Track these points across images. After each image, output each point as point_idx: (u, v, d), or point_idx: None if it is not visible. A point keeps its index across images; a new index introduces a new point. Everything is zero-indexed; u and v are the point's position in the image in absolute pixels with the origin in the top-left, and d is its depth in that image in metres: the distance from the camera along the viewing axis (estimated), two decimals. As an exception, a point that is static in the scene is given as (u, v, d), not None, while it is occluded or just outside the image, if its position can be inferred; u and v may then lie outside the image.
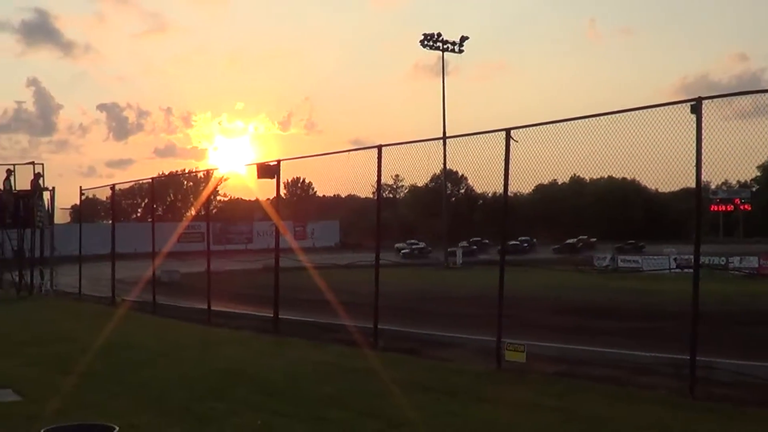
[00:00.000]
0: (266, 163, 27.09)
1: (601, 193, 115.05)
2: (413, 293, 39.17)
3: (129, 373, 18.81)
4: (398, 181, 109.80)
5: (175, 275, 52.02)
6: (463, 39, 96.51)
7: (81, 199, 48.68)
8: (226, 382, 17.51)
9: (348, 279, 38.83)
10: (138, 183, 62.78)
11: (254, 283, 41.76)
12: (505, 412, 14.28)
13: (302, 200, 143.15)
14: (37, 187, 43.60)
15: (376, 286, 22.94)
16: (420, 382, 17.12)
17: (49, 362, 20.49)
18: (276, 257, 27.70)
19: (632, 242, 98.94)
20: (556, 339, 22.68)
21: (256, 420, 13.76)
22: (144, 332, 26.66)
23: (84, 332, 26.10)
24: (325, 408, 14.72)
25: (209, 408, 14.86)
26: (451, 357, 20.31)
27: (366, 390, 16.41)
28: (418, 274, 59.86)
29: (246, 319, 29.30)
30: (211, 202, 38.27)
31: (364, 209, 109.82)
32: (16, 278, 44.18)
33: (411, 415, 13.78)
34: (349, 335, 23.21)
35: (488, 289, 26.06)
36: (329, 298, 26.61)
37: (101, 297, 39.74)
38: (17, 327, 28.52)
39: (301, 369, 19.13)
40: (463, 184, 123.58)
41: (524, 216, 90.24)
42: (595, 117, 18.24)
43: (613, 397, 15.57)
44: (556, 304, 36.17)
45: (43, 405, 15.04)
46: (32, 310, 35.49)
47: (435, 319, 28.41)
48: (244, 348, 22.98)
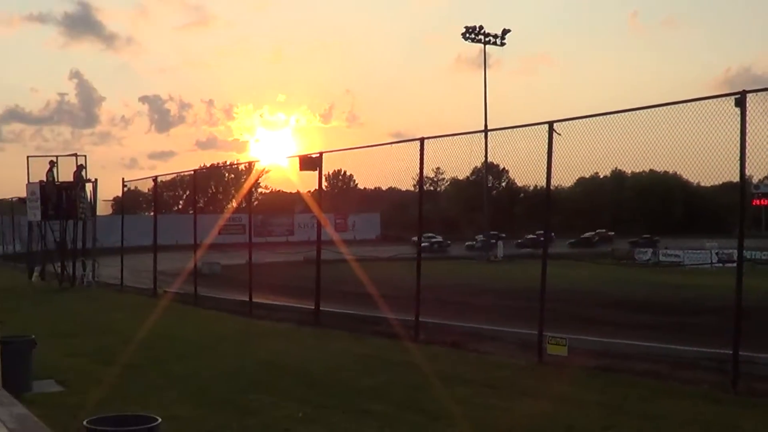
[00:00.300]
0: (309, 156, 27.13)
1: (641, 187, 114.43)
2: (454, 286, 39.08)
3: (171, 364, 18.94)
4: (439, 173, 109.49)
5: (216, 267, 52.09)
6: (505, 32, 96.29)
7: (123, 191, 48.97)
8: (268, 374, 17.61)
9: (389, 271, 38.84)
10: (180, 175, 63.04)
11: (295, 275, 41.81)
12: (547, 406, 14.24)
13: (343, 192, 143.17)
14: (79, 179, 43.77)
15: (417, 278, 22.91)
16: (461, 376, 17.14)
17: (92, 353, 20.66)
18: (318, 249, 27.74)
19: (647, 236, 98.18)
20: (597, 333, 22.56)
21: (297, 412, 13.82)
22: (186, 324, 26.81)
23: (126, 323, 26.24)
24: (367, 400, 14.77)
25: (251, 400, 14.94)
26: (493, 350, 20.27)
27: (407, 383, 16.44)
28: (458, 267, 59.79)
29: (287, 311, 29.35)
30: (253, 194, 38.31)
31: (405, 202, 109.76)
32: (59, 269, 44.44)
33: (452, 409, 13.80)
34: (390, 328, 23.19)
35: (529, 282, 26.10)
36: (370, 291, 26.58)
37: (143, 288, 39.89)
38: (60, 318, 28.68)
39: (343, 361, 19.18)
40: (504, 177, 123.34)
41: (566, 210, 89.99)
42: (638, 110, 18.20)
43: (655, 392, 15.52)
44: (597, 297, 35.99)
45: (85, 396, 15.17)
46: (74, 302, 35.68)
47: (476, 312, 28.29)
48: (285, 340, 23.06)
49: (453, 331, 22.89)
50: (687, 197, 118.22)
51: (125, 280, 42.01)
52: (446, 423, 13.06)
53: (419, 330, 22.41)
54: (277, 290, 34.94)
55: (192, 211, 50.52)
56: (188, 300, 33.77)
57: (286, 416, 13.59)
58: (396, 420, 13.28)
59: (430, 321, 23.47)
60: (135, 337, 22.17)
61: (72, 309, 32.35)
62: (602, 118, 18.97)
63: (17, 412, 11.70)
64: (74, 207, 43.35)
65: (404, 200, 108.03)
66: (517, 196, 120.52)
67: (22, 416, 11.44)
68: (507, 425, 12.92)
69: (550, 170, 19.26)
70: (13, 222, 61.58)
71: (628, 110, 18.39)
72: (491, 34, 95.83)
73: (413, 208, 31.49)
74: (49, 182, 43.35)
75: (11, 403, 12.28)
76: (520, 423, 13.06)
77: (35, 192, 43.62)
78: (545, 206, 22.10)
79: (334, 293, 28.89)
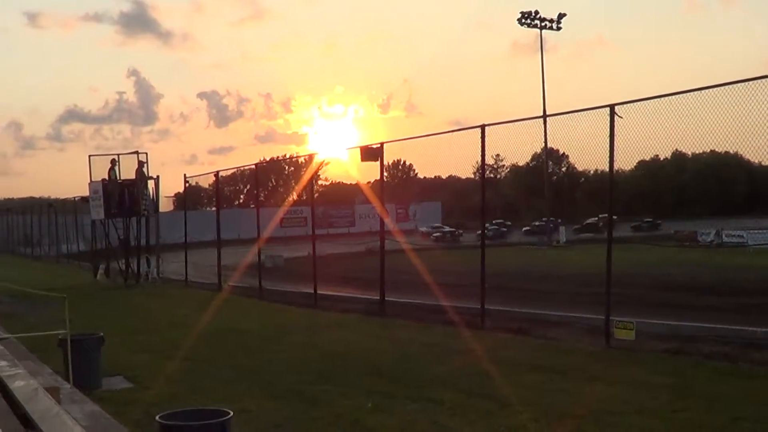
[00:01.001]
0: (369, 146, 27.15)
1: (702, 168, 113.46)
2: (518, 273, 38.94)
3: (239, 358, 19.04)
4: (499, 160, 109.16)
5: (278, 260, 52.13)
6: (561, 16, 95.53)
7: (185, 187, 49.20)
8: (336, 365, 17.65)
9: (452, 260, 38.78)
10: (240, 169, 63.16)
11: (358, 266, 41.86)
12: (618, 391, 14.20)
13: (403, 182, 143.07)
14: (141, 176, 44.05)
15: (482, 266, 22.86)
16: (529, 362, 17.10)
17: (159, 349, 20.80)
18: (381, 240, 27.77)
19: (650, 220, 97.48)
20: (664, 316, 22.43)
21: (366, 402, 13.85)
22: (252, 317, 26.94)
23: (192, 318, 26.39)
24: (435, 389, 14.76)
25: (320, 391, 14.99)
26: (560, 336, 20.21)
27: (475, 370, 16.41)
28: (520, 253, 59.61)
29: (352, 302, 29.41)
30: (313, 186, 38.35)
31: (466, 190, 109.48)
32: (123, 267, 44.75)
33: (521, 395, 13.77)
34: (455, 316, 23.12)
35: (592, 266, 25.95)
36: (434, 280, 26.59)
37: (207, 283, 40.08)
38: (126, 315, 28.94)
39: (410, 351, 19.21)
40: (564, 163, 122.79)
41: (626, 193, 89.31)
42: (699, 91, 18.02)
43: (724, 374, 15.43)
44: (662, 280, 35.76)
45: (154, 391, 15.31)
46: (140, 298, 35.97)
47: (541, 298, 28.25)
48: (351, 331, 23.11)
49: (519, 318, 22.86)
50: (748, 177, 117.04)
51: (189, 276, 42.21)
52: (516, 409, 13.02)
53: (485, 317, 22.36)
54: (341, 281, 34.99)
55: (253, 205, 50.74)
56: (253, 293, 33.91)
57: (355, 407, 13.61)
58: (465, 408, 13.26)
59: (496, 308, 23.42)
60: (202, 332, 22.36)
61: (138, 305, 32.65)
62: (663, 99, 18.83)
63: (89, 409, 11.79)
64: (137, 204, 43.63)
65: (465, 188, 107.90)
66: (578, 181, 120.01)
67: (94, 413, 11.53)
68: (577, 410, 12.85)
69: (613, 154, 19.15)
70: (76, 221, 62.12)
71: (689, 90, 18.23)
72: (547, 19, 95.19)
73: (474, 195, 31.41)
74: (111, 180, 43.63)
75: (82, 401, 12.37)
76: (590, 408, 12.99)
77: (98, 190, 43.92)
78: (608, 190, 21.89)
79: (398, 283, 28.85)
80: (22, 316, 26.95)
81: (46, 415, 8.63)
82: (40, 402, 9.35)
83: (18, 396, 9.75)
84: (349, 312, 27.07)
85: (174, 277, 44.16)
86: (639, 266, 36.58)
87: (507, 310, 24.07)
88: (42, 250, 75.19)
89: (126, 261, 44.58)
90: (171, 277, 44.49)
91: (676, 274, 39.23)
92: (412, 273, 29.50)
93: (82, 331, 16.83)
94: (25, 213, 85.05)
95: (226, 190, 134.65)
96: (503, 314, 23.37)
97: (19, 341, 18.24)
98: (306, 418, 13.05)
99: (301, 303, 30.16)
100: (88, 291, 38.49)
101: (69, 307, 14.85)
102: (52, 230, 70.85)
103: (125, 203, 43.76)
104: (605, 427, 11.95)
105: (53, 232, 70.69)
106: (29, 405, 9.14)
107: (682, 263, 45.12)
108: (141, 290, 39.98)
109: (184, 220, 43.79)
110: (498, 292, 25.60)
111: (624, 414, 12.58)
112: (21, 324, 23.96)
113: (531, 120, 24.46)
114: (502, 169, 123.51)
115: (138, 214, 44.14)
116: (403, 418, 12.85)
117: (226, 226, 42.64)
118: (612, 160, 19.24)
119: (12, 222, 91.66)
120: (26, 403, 9.29)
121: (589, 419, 12.32)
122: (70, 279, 45.12)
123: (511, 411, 12.98)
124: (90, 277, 46.81)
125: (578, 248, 64.11)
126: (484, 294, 22.57)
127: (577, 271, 39.20)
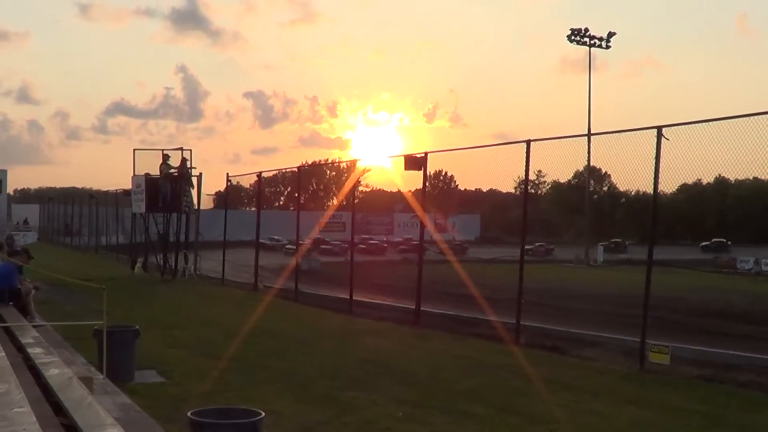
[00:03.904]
0: (413, 155, 27.16)
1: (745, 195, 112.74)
2: (555, 290, 38.77)
3: (271, 359, 19.05)
4: (540, 176, 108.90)
5: (316, 264, 52.26)
6: (611, 35, 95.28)
7: (227, 186, 49.34)
8: (368, 372, 17.64)
9: (489, 274, 38.68)
10: (282, 171, 63.32)
11: (395, 275, 41.84)
12: (649, 414, 14.12)
13: (443, 193, 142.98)
14: (184, 172, 44.17)
15: (520, 282, 22.79)
16: (562, 380, 17.02)
17: (193, 345, 20.89)
18: (420, 250, 27.78)
19: (618, 240, 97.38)
20: (700, 342, 22.29)
21: (397, 411, 13.83)
22: (286, 320, 26.95)
23: (227, 317, 26.48)
24: (466, 402, 14.72)
25: (351, 397, 14.97)
26: (594, 356, 20.09)
27: (507, 385, 16.39)
28: (558, 271, 59.36)
29: (387, 309, 29.40)
30: (355, 192, 38.35)
31: (505, 204, 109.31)
32: (161, 261, 44.95)
33: (553, 413, 13.72)
34: (490, 330, 23.13)
35: (629, 288, 25.82)
36: (470, 292, 26.54)
37: (243, 283, 40.16)
38: (161, 309, 29.06)
39: (443, 362, 19.17)
40: (606, 182, 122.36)
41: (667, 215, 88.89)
42: (747, 117, 17.88)
43: (758, 403, 15.34)
44: (699, 306, 35.50)
45: (186, 387, 15.36)
46: (176, 294, 36.08)
47: (577, 317, 28.10)
48: (385, 339, 23.08)
49: (554, 336, 22.80)
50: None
51: (226, 274, 42.29)
52: (547, 427, 12.98)
53: (520, 333, 22.28)
54: (377, 289, 34.97)
55: (294, 208, 50.84)
56: (289, 296, 33.91)
57: (386, 414, 13.60)
58: (496, 423, 13.22)
59: (531, 324, 23.33)
60: (236, 331, 22.39)
61: (173, 301, 32.77)
62: (709, 123, 18.69)
63: (120, 401, 11.84)
64: (179, 200, 43.77)
65: (504, 202, 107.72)
66: (618, 200, 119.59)
67: (125, 405, 11.57)
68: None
69: (658, 176, 19.04)
70: (117, 213, 62.45)
71: (738, 116, 18.06)
72: (596, 37, 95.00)
73: (513, 210, 31.36)
74: (163, 175, 43.78)
75: (115, 392, 12.43)
76: (621, 430, 12.94)
77: (140, 184, 44.16)
78: (652, 212, 21.72)
79: (433, 293, 28.83)
80: (58, 305, 27.04)
81: (78, 404, 8.68)
82: (74, 391, 9.41)
83: (52, 384, 9.81)
84: (384, 320, 27.03)
85: (210, 274, 44.27)
86: (676, 290, 36.34)
87: (542, 327, 23.98)
88: (81, 240, 75.71)
89: (164, 256, 44.79)
90: (208, 274, 44.60)
91: (714, 300, 38.96)
92: (451, 284, 29.47)
93: (118, 322, 16.91)
94: (66, 202, 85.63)
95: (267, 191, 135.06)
96: (539, 331, 23.30)
97: (55, 329, 18.32)
98: (336, 423, 13.03)
99: (336, 308, 30.16)
100: (124, 283, 38.64)
101: (105, 298, 14.91)
102: (93, 221, 71.36)
103: (167, 199, 43.90)
104: (635, 451, 11.88)
105: (93, 223, 71.18)
106: (63, 394, 9.19)
107: (719, 289, 44.83)
108: (177, 286, 40.12)
109: (224, 218, 43.91)
110: (534, 308, 25.51)
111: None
112: (57, 312, 24.02)
113: (576, 137, 24.39)
114: (543, 185, 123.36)
115: (179, 210, 44.29)
116: (433, 429, 12.82)
117: (265, 228, 42.77)
118: (657, 182, 19.14)
119: (53, 211, 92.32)
120: (60, 391, 9.34)
121: (619, 442, 12.27)
122: (108, 270, 45.33)
123: (541, 429, 12.94)
124: (127, 270, 47.01)
125: (617, 269, 63.77)
126: (521, 310, 22.49)
127: (613, 291, 39.00)
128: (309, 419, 13.15)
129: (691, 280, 46.17)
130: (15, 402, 8.05)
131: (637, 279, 20.29)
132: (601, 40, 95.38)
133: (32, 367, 11.31)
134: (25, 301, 19.73)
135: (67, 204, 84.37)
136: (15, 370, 9.94)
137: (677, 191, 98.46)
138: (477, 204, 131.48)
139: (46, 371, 10.64)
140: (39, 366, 11.14)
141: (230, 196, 52.46)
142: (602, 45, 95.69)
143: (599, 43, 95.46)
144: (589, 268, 73.34)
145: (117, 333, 15.81)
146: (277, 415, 12.78)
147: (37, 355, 12.07)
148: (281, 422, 12.62)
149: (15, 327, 15.46)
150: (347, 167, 71.49)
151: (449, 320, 26.09)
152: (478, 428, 12.89)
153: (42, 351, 12.51)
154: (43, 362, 11.37)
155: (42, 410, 8.36)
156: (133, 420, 10.43)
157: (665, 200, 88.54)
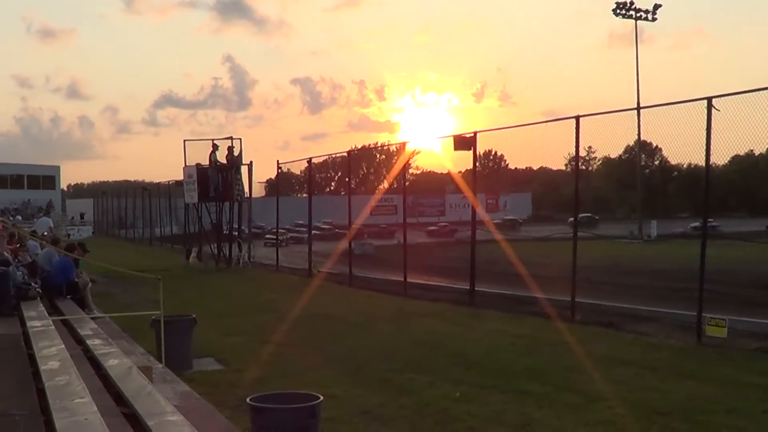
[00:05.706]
0: (462, 135, 27.05)
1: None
2: (609, 266, 38.58)
3: (328, 343, 19.12)
4: (591, 152, 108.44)
5: (368, 248, 52.21)
6: (657, 6, 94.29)
7: (278, 173, 49.51)
8: (424, 354, 17.68)
9: (542, 252, 38.57)
10: (332, 156, 63.50)
11: (448, 256, 41.80)
12: (707, 388, 14.04)
13: (494, 172, 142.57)
14: (233, 161, 44.33)
15: (573, 259, 22.72)
16: (618, 357, 16.98)
17: (250, 332, 21.00)
18: (472, 230, 27.71)
19: (588, 214, 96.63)
20: (757, 314, 22.08)
21: (455, 392, 13.84)
22: (341, 304, 27.01)
23: (282, 303, 26.57)
24: (524, 380, 14.73)
25: (408, 379, 15.02)
26: (650, 331, 20.02)
27: (564, 363, 16.34)
28: (612, 247, 59.02)
29: (442, 291, 29.37)
30: (405, 175, 38.33)
31: (556, 182, 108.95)
32: (215, 250, 45.18)
33: (610, 390, 13.68)
34: (545, 308, 23.05)
35: (684, 262, 25.64)
36: (523, 271, 26.48)
37: (297, 269, 40.33)
38: (217, 298, 29.24)
39: (499, 341, 19.16)
40: (657, 156, 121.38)
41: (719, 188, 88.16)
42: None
43: (819, 375, 15.18)
44: (755, 278, 35.17)
45: (244, 373, 15.45)
46: (231, 282, 36.31)
47: (632, 293, 27.93)
48: (441, 320, 23.10)
49: (609, 312, 22.68)
50: None
51: (280, 261, 42.46)
52: (605, 404, 12.94)
53: (575, 310, 22.24)
54: (431, 270, 34.91)
55: (345, 193, 50.93)
56: (343, 280, 34.02)
57: (443, 396, 13.62)
58: (554, 400, 13.21)
59: (586, 301, 23.28)
60: (291, 317, 22.52)
61: (229, 289, 32.95)
62: (759, 92, 18.50)
63: (180, 389, 11.93)
64: (230, 189, 43.95)
65: (555, 179, 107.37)
66: (670, 174, 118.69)
67: (185, 393, 11.66)
68: (666, 407, 12.73)
69: (709, 148, 18.84)
70: (170, 204, 62.83)
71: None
72: (642, 9, 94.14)
73: (564, 187, 31.27)
74: (212, 164, 43.99)
75: (174, 381, 12.53)
76: (679, 405, 12.86)
77: (192, 175, 44.34)
78: (704, 185, 21.48)
79: (487, 273, 28.75)
80: (115, 296, 27.33)
81: (138, 393, 8.78)
82: (134, 381, 9.51)
83: (112, 374, 9.92)
84: (439, 301, 27.06)
85: (265, 262, 44.48)
86: (732, 263, 36.04)
87: (597, 303, 23.89)
88: (136, 232, 76.24)
89: (218, 245, 45.03)
90: (262, 261, 44.80)
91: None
92: (504, 263, 29.41)
93: (174, 312, 17.04)
94: (120, 196, 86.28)
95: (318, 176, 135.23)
96: (594, 307, 23.22)
97: (113, 320, 18.49)
98: (394, 405, 13.07)
99: (390, 291, 30.21)
100: (180, 273, 38.89)
101: (161, 288, 15.02)
102: (146, 213, 71.84)
103: (219, 188, 44.10)
104: (694, 426, 11.80)
105: (147, 215, 71.66)
106: (123, 383, 9.30)
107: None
108: (232, 274, 40.37)
109: (276, 206, 44.07)
110: (589, 285, 25.45)
111: (713, 413, 12.41)
112: (115, 304, 24.27)
113: (625, 111, 24.24)
114: (594, 161, 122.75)
115: (231, 199, 44.47)
116: (491, 408, 12.81)
117: (316, 213, 42.87)
118: (708, 155, 18.96)
119: (107, 205, 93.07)
120: (120, 381, 9.45)
121: (678, 417, 12.19)
122: (163, 261, 45.64)
123: (599, 405, 12.90)
124: (182, 260, 47.26)
125: (670, 243, 63.33)
126: (575, 287, 22.44)
127: (668, 266, 38.80)
128: (366, 402, 13.20)
129: (746, 253, 45.79)
130: (76, 393, 8.15)
131: (692, 253, 20.15)
132: (647, 13, 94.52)
133: (92, 359, 11.43)
134: (82, 293, 20.00)
135: (121, 197, 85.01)
136: (75, 362, 10.06)
137: (729, 163, 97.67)
138: (528, 182, 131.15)
139: (105, 362, 10.76)
140: (98, 357, 11.26)
141: (281, 183, 52.62)
142: (648, 17, 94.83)
143: (645, 15, 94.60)
144: (644, 244, 72.84)
145: (174, 322, 15.95)
146: (335, 399, 12.83)
147: (96, 346, 12.20)
148: (339, 405, 12.67)
149: (74, 319, 15.64)
150: (397, 150, 71.58)
151: (504, 299, 26.02)
152: (535, 407, 12.87)
153: (101, 342, 12.64)
154: (103, 353, 11.49)
155: (103, 400, 8.46)
156: (193, 407, 10.50)
157: (717, 173, 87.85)
